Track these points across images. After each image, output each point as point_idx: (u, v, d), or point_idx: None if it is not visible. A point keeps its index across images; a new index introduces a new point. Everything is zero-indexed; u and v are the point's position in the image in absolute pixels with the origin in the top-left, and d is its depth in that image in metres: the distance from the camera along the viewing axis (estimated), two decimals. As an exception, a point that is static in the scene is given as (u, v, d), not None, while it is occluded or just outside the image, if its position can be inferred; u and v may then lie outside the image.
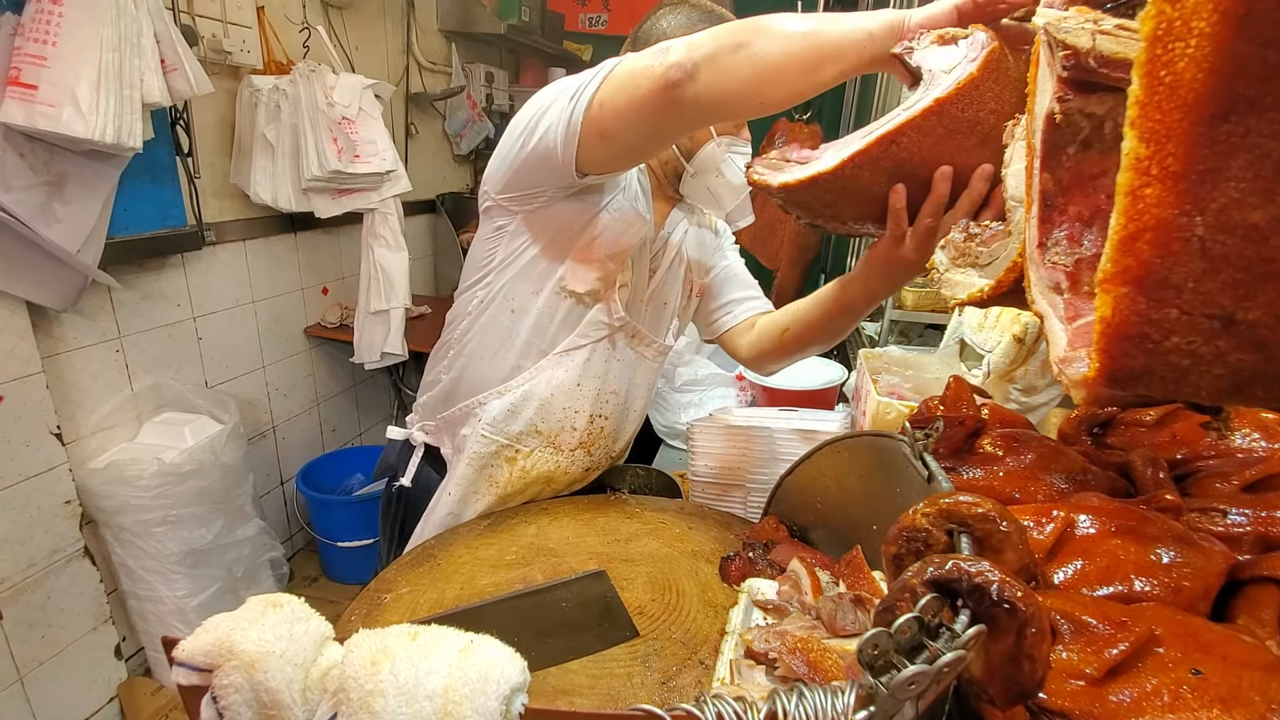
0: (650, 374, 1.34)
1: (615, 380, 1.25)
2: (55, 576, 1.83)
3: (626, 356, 1.25)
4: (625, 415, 1.32)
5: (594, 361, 1.20)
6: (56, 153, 1.67)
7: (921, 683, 0.43)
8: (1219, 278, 0.30)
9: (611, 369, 1.23)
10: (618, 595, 0.88)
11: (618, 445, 1.35)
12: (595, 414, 1.24)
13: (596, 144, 0.98)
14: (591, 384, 1.21)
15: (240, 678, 0.40)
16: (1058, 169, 0.49)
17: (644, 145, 1.00)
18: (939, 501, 0.57)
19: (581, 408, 1.22)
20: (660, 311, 1.29)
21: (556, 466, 1.25)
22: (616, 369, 1.24)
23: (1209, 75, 0.27)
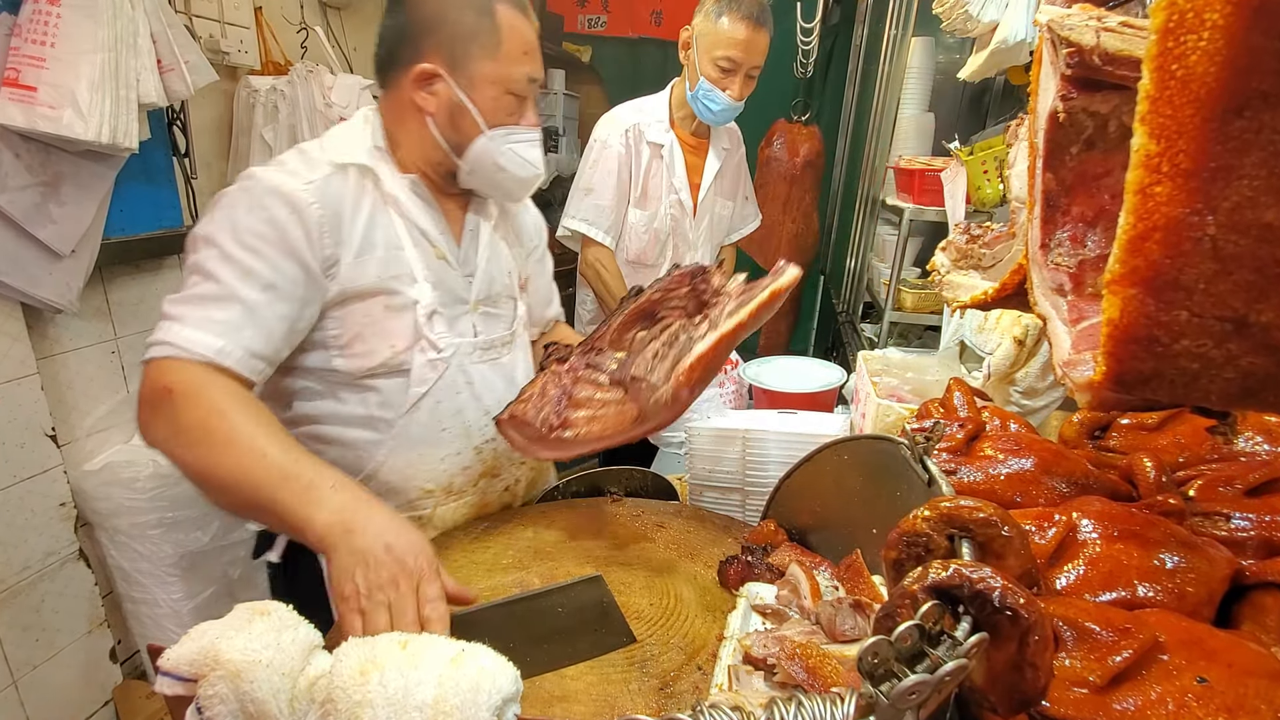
0: (519, 356, 1.27)
1: (481, 401, 1.16)
2: (50, 579, 1.82)
3: (478, 373, 1.16)
4: None
5: (444, 404, 1.11)
6: (52, 153, 1.66)
7: (922, 692, 0.42)
8: (1231, 279, 0.29)
9: (466, 397, 1.14)
10: (614, 600, 0.87)
11: None
12: (480, 444, 1.18)
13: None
14: (453, 422, 1.13)
15: (226, 688, 0.39)
16: (1061, 169, 0.49)
17: None
18: (940, 506, 0.57)
19: (461, 448, 1.15)
20: (493, 312, 1.21)
21: (480, 500, 1.21)
22: (476, 391, 1.15)
23: (1222, 69, 0.26)
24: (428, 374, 1.09)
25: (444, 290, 1.11)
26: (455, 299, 1.14)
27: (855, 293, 3.05)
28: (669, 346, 0.91)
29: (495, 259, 1.22)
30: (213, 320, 0.90)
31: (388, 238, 1.06)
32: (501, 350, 1.21)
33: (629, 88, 2.86)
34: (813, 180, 3.11)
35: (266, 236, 0.94)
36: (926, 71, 2.72)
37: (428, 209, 1.11)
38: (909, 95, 2.72)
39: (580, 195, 1.99)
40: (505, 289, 1.23)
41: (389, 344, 1.06)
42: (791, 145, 3.04)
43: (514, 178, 1.12)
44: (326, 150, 1.05)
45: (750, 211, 2.26)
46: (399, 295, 1.05)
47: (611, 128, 1.98)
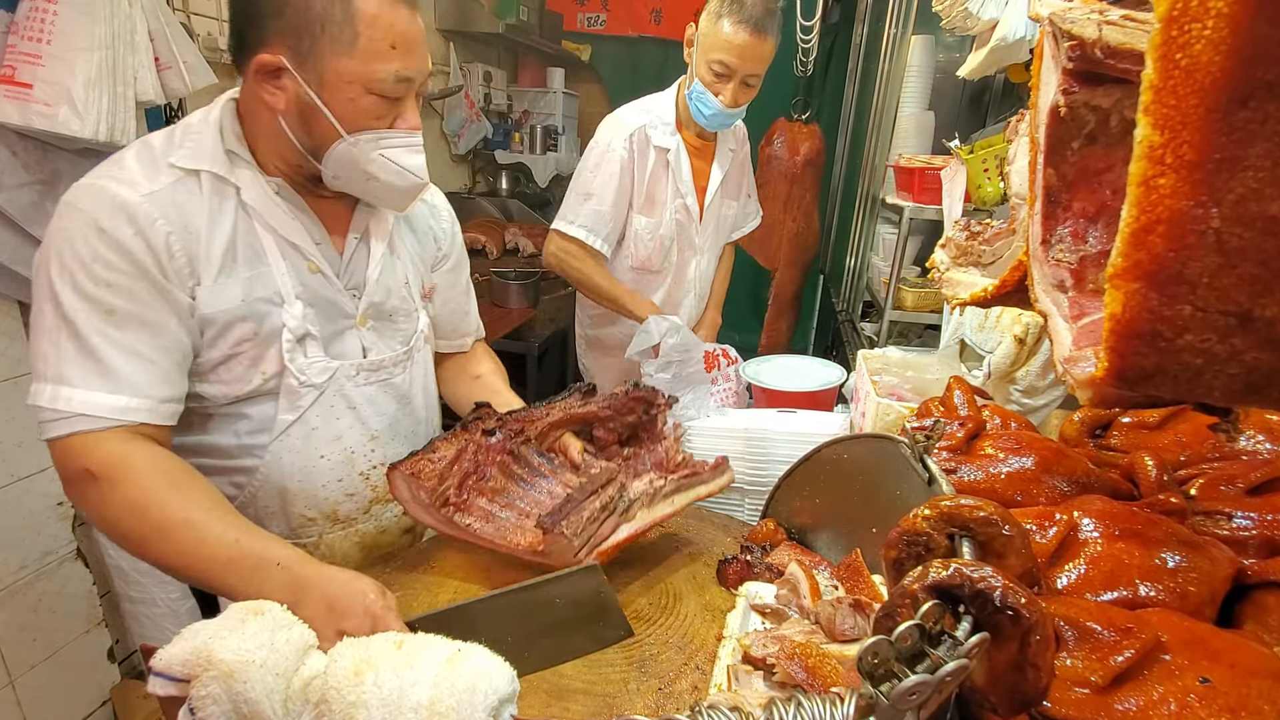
0: (417, 374, 1.16)
1: (367, 425, 1.07)
2: (47, 579, 1.81)
3: (363, 395, 1.06)
4: (414, 433, 1.16)
5: (320, 430, 1.01)
6: (50, 151, 1.65)
7: (923, 693, 0.42)
8: (1235, 272, 0.29)
9: (348, 422, 1.04)
10: (611, 591, 0.87)
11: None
12: (367, 470, 1.08)
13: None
14: (332, 449, 1.04)
15: (219, 688, 0.38)
16: (1062, 164, 0.48)
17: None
18: (940, 505, 0.56)
19: (343, 474, 1.05)
20: (386, 327, 1.10)
21: (377, 526, 1.13)
22: (360, 414, 1.06)
23: (1226, 58, 0.26)
24: (298, 400, 0.98)
25: (321, 307, 0.99)
26: (337, 315, 1.02)
27: (855, 291, 3.05)
28: (604, 512, 0.92)
29: (389, 269, 1.08)
30: (100, 376, 0.82)
31: (251, 253, 0.93)
32: (394, 370, 1.10)
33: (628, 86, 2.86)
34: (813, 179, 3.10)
35: (115, 265, 0.83)
36: (926, 70, 2.71)
37: (297, 217, 0.96)
38: (909, 94, 2.71)
39: (579, 200, 1.89)
40: (402, 302, 1.11)
41: (259, 370, 0.95)
42: (792, 144, 3.03)
43: (390, 187, 0.96)
44: (174, 148, 0.91)
45: (752, 209, 2.23)
46: (267, 319, 0.94)
47: (615, 131, 1.88)
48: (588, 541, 0.88)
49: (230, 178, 0.91)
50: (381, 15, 0.85)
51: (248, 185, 0.92)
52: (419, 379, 1.17)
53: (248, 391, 0.96)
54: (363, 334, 1.06)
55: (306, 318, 0.97)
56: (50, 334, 0.82)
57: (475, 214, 3.55)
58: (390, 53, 0.87)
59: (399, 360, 1.11)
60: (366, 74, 0.87)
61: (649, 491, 0.96)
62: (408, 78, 0.90)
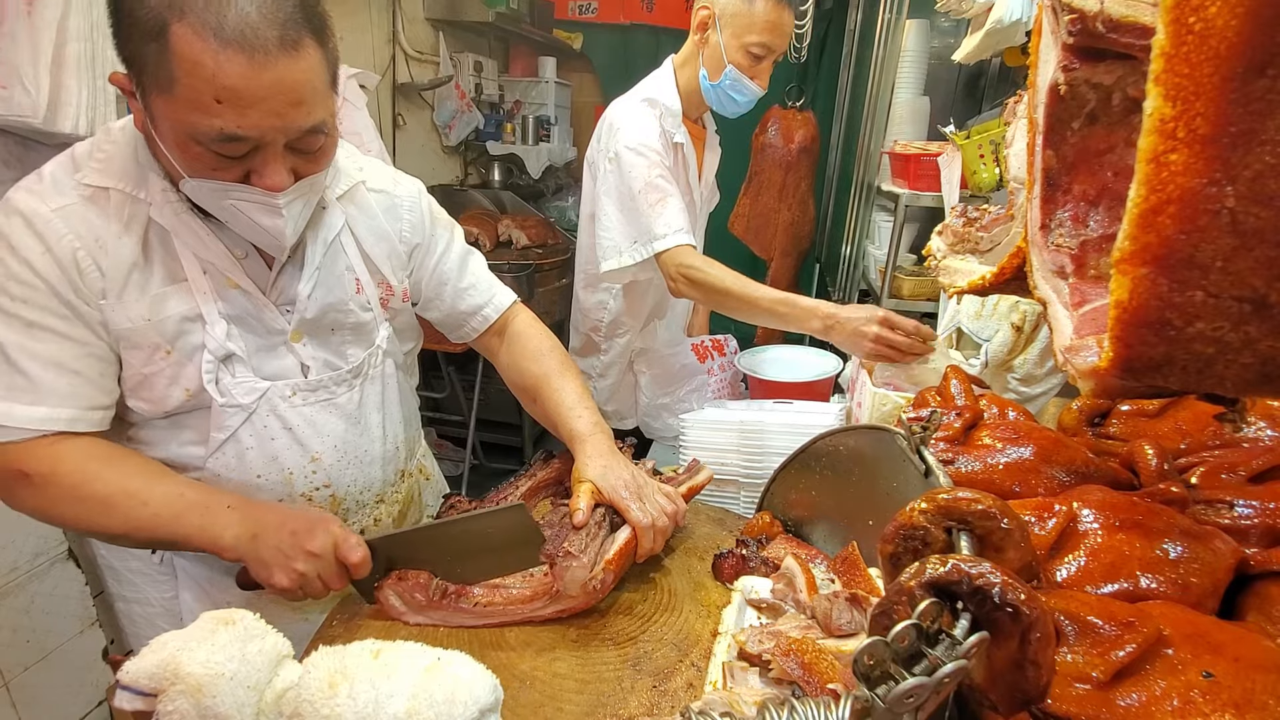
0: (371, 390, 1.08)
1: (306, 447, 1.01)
2: (39, 580, 1.80)
3: (300, 416, 0.99)
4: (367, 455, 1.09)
5: (253, 451, 0.97)
6: (30, 146, 1.62)
7: (920, 695, 0.40)
8: (1251, 255, 0.27)
9: (283, 443, 0.99)
10: (537, 525, 0.92)
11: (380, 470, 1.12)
12: (309, 491, 1.03)
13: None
14: (269, 469, 0.99)
15: (186, 703, 0.37)
16: (1062, 145, 0.46)
17: None
18: (937, 498, 0.55)
19: (282, 495, 1.01)
20: (329, 341, 1.02)
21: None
22: (297, 435, 1.00)
23: (1244, 21, 0.24)
24: (226, 420, 0.94)
25: (248, 325, 0.94)
26: (266, 332, 0.96)
27: (851, 280, 3.03)
28: (600, 528, 0.92)
29: (331, 282, 0.99)
30: (21, 389, 0.82)
31: (165, 271, 0.88)
32: (337, 389, 1.03)
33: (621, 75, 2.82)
34: (808, 166, 3.08)
35: (28, 281, 0.81)
36: (921, 55, 2.68)
37: (215, 230, 0.89)
38: (904, 79, 2.68)
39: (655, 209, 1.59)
40: (347, 315, 1.02)
41: (180, 387, 0.91)
42: (786, 131, 3.00)
43: (253, 234, 0.86)
44: (89, 161, 0.86)
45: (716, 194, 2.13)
46: (182, 338, 0.89)
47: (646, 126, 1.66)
48: (594, 558, 0.87)
49: (140, 194, 0.86)
50: (202, 63, 0.70)
51: (158, 202, 0.86)
52: (373, 397, 1.09)
53: (174, 407, 0.92)
54: (299, 350, 0.99)
55: (231, 336, 0.92)
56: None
57: (468, 206, 3.52)
58: (214, 106, 0.72)
59: (345, 379, 1.04)
60: (187, 124, 0.74)
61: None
62: (237, 137, 0.75)
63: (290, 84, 0.75)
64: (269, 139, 0.77)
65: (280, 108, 0.75)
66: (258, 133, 0.76)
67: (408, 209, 1.12)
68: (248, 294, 0.93)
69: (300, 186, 0.84)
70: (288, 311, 0.97)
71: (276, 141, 0.78)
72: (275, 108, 0.75)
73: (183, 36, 0.69)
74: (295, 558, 0.85)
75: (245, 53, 0.71)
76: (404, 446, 1.18)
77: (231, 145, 0.76)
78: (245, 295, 0.93)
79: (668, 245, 1.57)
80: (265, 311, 0.95)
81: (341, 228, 1.02)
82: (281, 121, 0.76)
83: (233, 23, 0.69)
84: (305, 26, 0.75)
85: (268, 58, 0.72)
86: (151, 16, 0.70)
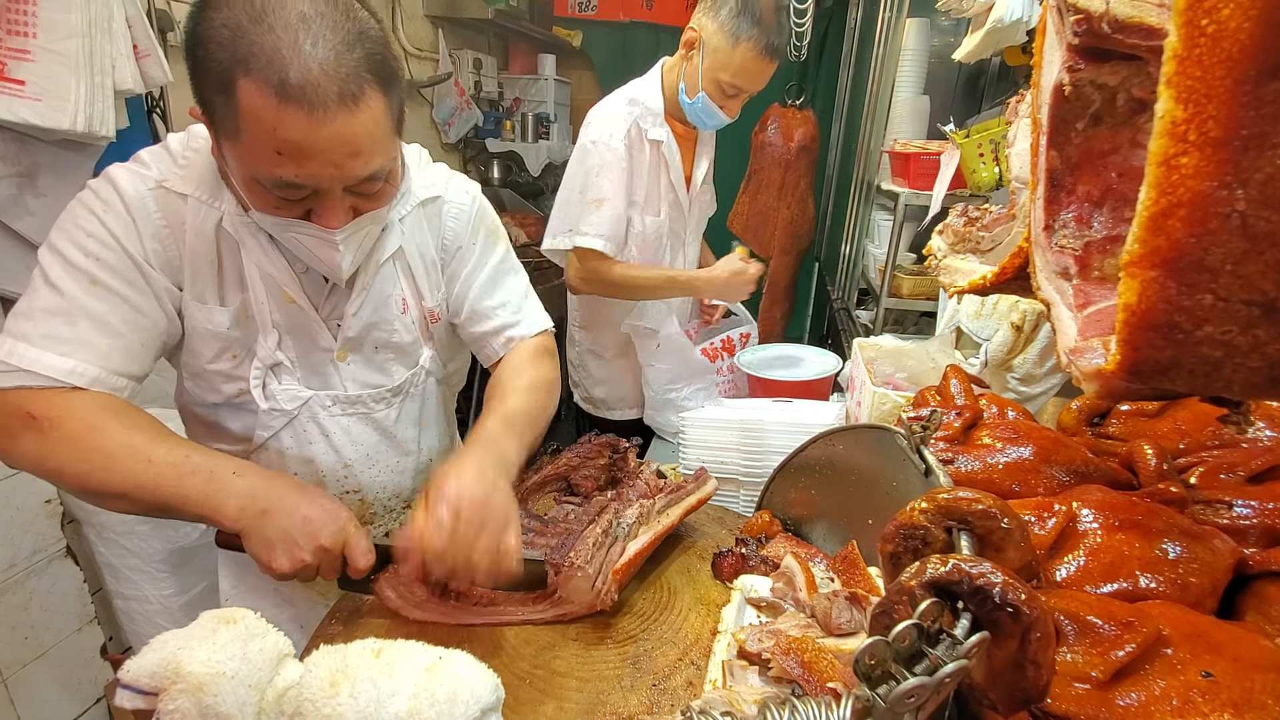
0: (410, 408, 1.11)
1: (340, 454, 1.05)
2: (37, 577, 1.79)
3: (338, 425, 1.04)
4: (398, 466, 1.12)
5: (292, 451, 1.02)
6: (28, 143, 1.61)
7: (921, 695, 0.40)
8: (1261, 259, 0.27)
9: (321, 448, 1.03)
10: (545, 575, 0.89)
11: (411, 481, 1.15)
12: (340, 494, 1.07)
13: None
14: (304, 470, 1.03)
15: (187, 702, 0.37)
16: (1066, 146, 0.46)
17: None
18: (937, 498, 0.55)
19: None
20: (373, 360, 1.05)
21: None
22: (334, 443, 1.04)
23: (1257, 24, 0.23)
24: (269, 421, 0.99)
25: (298, 337, 0.98)
26: (314, 347, 1.00)
27: (850, 279, 3.03)
28: (608, 538, 0.90)
29: (378, 302, 1.02)
30: (60, 339, 0.82)
31: (237, 279, 0.93)
32: (375, 405, 1.06)
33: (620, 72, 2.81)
34: (807, 165, 3.07)
35: (106, 242, 0.85)
36: (921, 53, 2.68)
37: (279, 246, 0.93)
38: (904, 78, 2.68)
39: (590, 207, 1.69)
40: (392, 335, 1.05)
41: (236, 385, 0.97)
42: (786, 130, 2.99)
43: (312, 261, 0.90)
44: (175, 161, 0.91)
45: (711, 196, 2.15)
46: (242, 343, 0.95)
47: (610, 126, 1.72)
48: (600, 569, 0.85)
49: (216, 204, 0.90)
50: (264, 118, 0.72)
51: (230, 213, 0.90)
52: (410, 413, 1.11)
53: (223, 400, 0.98)
54: (343, 370, 1.02)
55: (282, 347, 0.97)
56: (30, 295, 0.84)
57: (467, 203, 3.51)
58: (275, 158, 0.75)
59: (384, 397, 1.06)
60: (251, 169, 0.78)
61: (642, 514, 0.96)
62: (296, 185, 0.78)
63: (349, 137, 0.76)
64: (327, 186, 0.81)
65: (338, 159, 0.78)
66: (315, 181, 0.79)
67: (453, 214, 1.11)
68: (302, 309, 0.97)
69: (360, 222, 0.87)
70: (337, 328, 1.01)
71: (335, 188, 0.81)
72: (333, 159, 0.77)
73: (247, 91, 0.71)
74: (304, 548, 0.81)
75: (305, 109, 0.72)
76: (439, 457, 1.20)
77: (291, 191, 0.80)
78: (300, 310, 0.97)
79: (584, 244, 1.68)
80: (316, 327, 0.99)
81: (396, 250, 1.03)
82: (339, 171, 0.79)
83: (295, 79, 0.71)
84: (369, 78, 0.76)
85: (326, 114, 0.73)
86: (220, 70, 0.72)
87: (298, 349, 0.99)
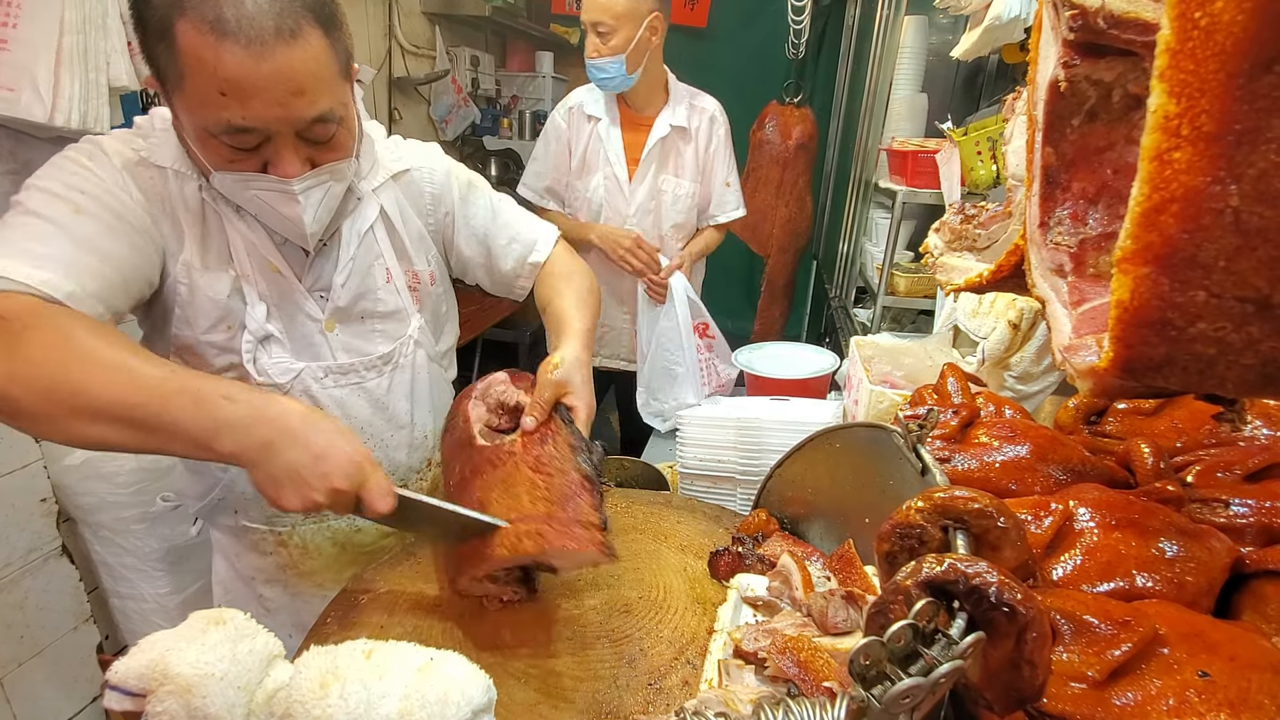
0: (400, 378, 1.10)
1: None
2: (33, 576, 1.79)
3: (331, 397, 1.03)
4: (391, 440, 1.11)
5: None
6: (21, 140, 1.61)
7: (916, 696, 0.40)
8: (1254, 255, 0.27)
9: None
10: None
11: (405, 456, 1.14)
12: None
13: None
14: None
15: (175, 703, 0.37)
16: (1061, 142, 0.46)
17: None
18: (934, 497, 0.55)
19: None
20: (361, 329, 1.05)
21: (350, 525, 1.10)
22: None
23: (1251, 17, 0.23)
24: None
25: (285, 309, 0.97)
26: (301, 317, 0.99)
27: (848, 277, 3.03)
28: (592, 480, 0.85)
29: (364, 269, 1.02)
30: (33, 254, 0.75)
31: (218, 249, 0.92)
32: (367, 374, 1.06)
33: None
34: (805, 163, 3.07)
35: (93, 179, 0.82)
36: (919, 51, 2.67)
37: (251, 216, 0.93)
38: (902, 75, 2.67)
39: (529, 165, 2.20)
40: (377, 304, 1.05)
41: (228, 359, 0.96)
42: (784, 128, 2.99)
43: (278, 224, 0.90)
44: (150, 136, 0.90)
45: (731, 199, 2.20)
46: (232, 315, 0.93)
47: (559, 106, 2.16)
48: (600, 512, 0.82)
49: (193, 174, 0.89)
50: (204, 57, 0.71)
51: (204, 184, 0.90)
52: (402, 385, 1.11)
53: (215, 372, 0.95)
54: (331, 339, 1.02)
55: (270, 318, 0.96)
56: (5, 223, 0.79)
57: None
58: (219, 100, 0.74)
59: (374, 364, 1.06)
60: (199, 118, 0.77)
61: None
62: (244, 128, 0.76)
63: (290, 73, 0.75)
64: (276, 129, 0.79)
65: (281, 97, 0.76)
66: (262, 123, 0.77)
67: (428, 180, 1.13)
68: (285, 279, 0.96)
69: (318, 173, 0.86)
70: (322, 299, 1.00)
71: (285, 131, 0.80)
72: (276, 97, 0.76)
73: (185, 32, 0.71)
74: (316, 488, 0.72)
75: (242, 44, 0.72)
76: (433, 436, 1.19)
77: (241, 136, 0.78)
78: (284, 279, 0.96)
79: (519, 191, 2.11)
80: (301, 298, 0.98)
81: (375, 219, 1.04)
82: (284, 111, 0.77)
83: (230, 15, 0.71)
84: (306, 15, 0.76)
85: (264, 48, 0.73)
86: (158, 17, 0.73)
87: (285, 320, 0.98)
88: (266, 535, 1.11)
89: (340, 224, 1.01)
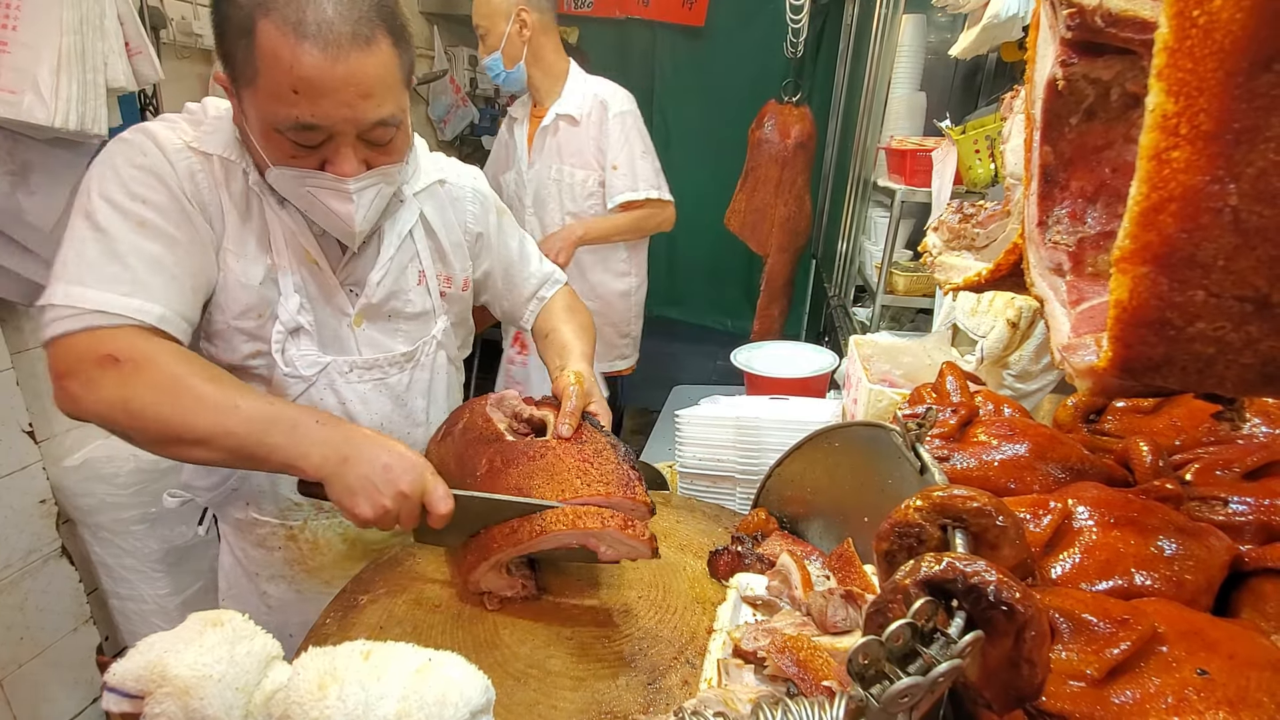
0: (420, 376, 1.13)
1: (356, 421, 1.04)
2: (32, 577, 1.79)
3: (355, 392, 1.06)
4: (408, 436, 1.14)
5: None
6: (20, 141, 1.60)
7: (915, 695, 0.40)
8: (1253, 254, 0.26)
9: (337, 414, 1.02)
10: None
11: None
12: None
13: None
14: None
15: (173, 705, 0.36)
16: (1059, 141, 0.46)
17: None
18: (932, 496, 0.55)
19: None
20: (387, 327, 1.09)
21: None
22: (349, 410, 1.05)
23: (1249, 15, 0.23)
24: (286, 389, 1.00)
25: (317, 301, 1.00)
26: (333, 310, 1.02)
27: (847, 276, 3.03)
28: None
29: (399, 270, 1.06)
30: (119, 280, 0.82)
31: (258, 238, 0.95)
32: (389, 370, 1.09)
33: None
34: (804, 162, 3.06)
35: (152, 185, 0.86)
36: (918, 50, 2.67)
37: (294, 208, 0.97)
38: (900, 74, 2.67)
39: None
40: (407, 305, 1.08)
41: (255, 346, 0.98)
42: (782, 127, 2.99)
43: (327, 221, 0.94)
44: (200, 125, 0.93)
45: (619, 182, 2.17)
46: (270, 305, 0.96)
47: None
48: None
49: (242, 164, 0.93)
50: (280, 55, 0.77)
51: (253, 177, 0.94)
52: (420, 383, 1.14)
53: (240, 361, 0.98)
54: (359, 335, 1.05)
55: (302, 309, 0.98)
56: (77, 243, 0.84)
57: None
58: (291, 97, 0.79)
59: (397, 361, 1.10)
60: (268, 114, 0.82)
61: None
62: (311, 126, 0.82)
63: (361, 77, 0.81)
64: (340, 129, 0.84)
65: (350, 99, 0.81)
66: (329, 122, 0.82)
67: (470, 198, 1.19)
68: (322, 270, 0.99)
69: (372, 175, 0.90)
70: (353, 294, 1.03)
71: (348, 132, 0.85)
72: (346, 99, 0.81)
73: (266, 31, 0.77)
74: (385, 493, 0.82)
75: (320, 46, 0.77)
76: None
77: (307, 134, 0.83)
78: (320, 271, 0.99)
79: None
80: (335, 291, 1.01)
81: (415, 222, 1.08)
82: (352, 112, 0.83)
83: (311, 19, 0.77)
84: (379, 24, 0.81)
85: (340, 51, 0.78)
86: (242, 15, 0.78)
87: (316, 313, 1.01)
88: (278, 529, 1.13)
89: (383, 224, 1.04)
